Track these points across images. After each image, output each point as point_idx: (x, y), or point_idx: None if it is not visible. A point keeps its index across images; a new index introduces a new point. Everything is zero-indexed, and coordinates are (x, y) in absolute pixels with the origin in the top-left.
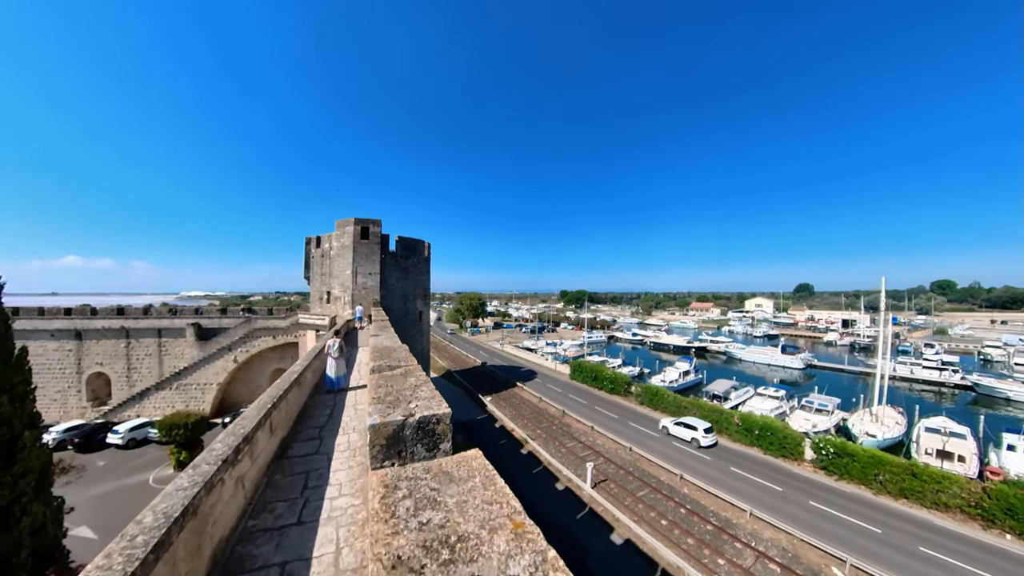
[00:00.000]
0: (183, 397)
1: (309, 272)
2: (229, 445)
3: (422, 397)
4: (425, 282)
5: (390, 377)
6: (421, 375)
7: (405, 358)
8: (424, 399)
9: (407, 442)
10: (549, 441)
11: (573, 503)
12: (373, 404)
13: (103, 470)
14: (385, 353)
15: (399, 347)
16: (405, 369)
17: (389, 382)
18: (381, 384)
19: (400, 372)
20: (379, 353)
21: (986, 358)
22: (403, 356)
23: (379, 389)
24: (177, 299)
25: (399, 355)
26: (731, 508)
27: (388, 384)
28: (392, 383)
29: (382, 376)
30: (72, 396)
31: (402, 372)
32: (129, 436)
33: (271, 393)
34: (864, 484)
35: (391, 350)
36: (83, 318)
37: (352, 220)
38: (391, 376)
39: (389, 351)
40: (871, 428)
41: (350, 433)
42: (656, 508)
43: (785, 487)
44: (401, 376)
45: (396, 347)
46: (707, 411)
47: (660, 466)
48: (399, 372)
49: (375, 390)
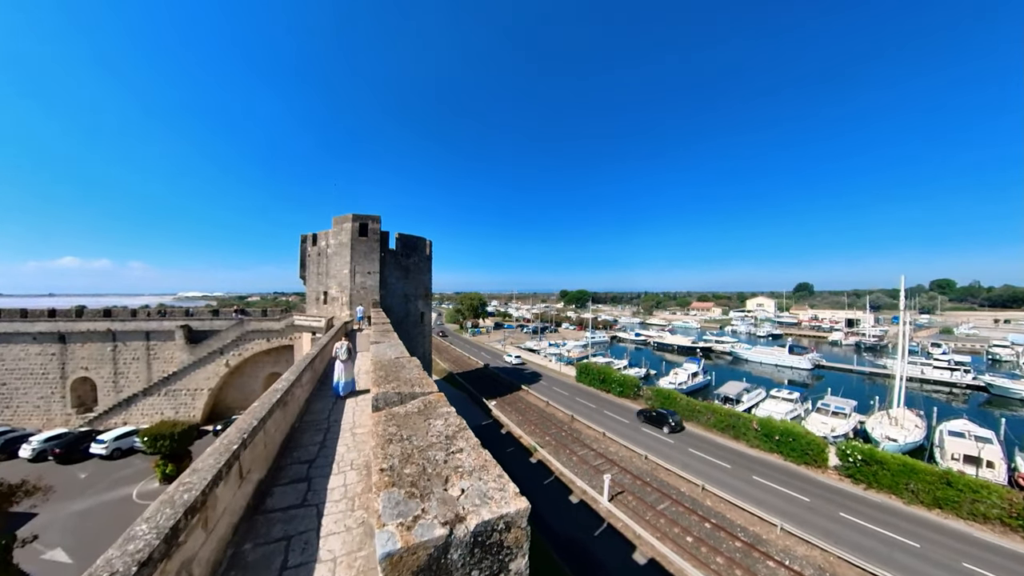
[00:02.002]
0: (172, 403)
1: (305, 272)
2: (158, 532)
3: (466, 468)
4: (427, 281)
5: (403, 418)
6: (448, 410)
7: (419, 378)
8: (471, 472)
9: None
10: (559, 449)
11: (589, 518)
12: (384, 488)
13: (84, 483)
14: (391, 370)
15: (408, 361)
16: (424, 402)
17: (403, 429)
18: (392, 434)
19: (417, 407)
20: (383, 370)
21: (995, 358)
22: (415, 375)
23: (389, 448)
24: (175, 300)
25: (410, 373)
26: (759, 522)
27: (402, 433)
28: (409, 432)
29: (391, 417)
30: (56, 402)
31: (420, 407)
32: (114, 446)
33: (244, 423)
34: (895, 493)
35: (398, 366)
36: (67, 320)
37: (350, 216)
38: (404, 417)
39: (395, 367)
40: (891, 432)
41: (346, 471)
42: (679, 523)
43: (812, 497)
44: (420, 416)
45: (404, 360)
46: (722, 416)
47: (679, 476)
48: (415, 407)
49: (383, 448)
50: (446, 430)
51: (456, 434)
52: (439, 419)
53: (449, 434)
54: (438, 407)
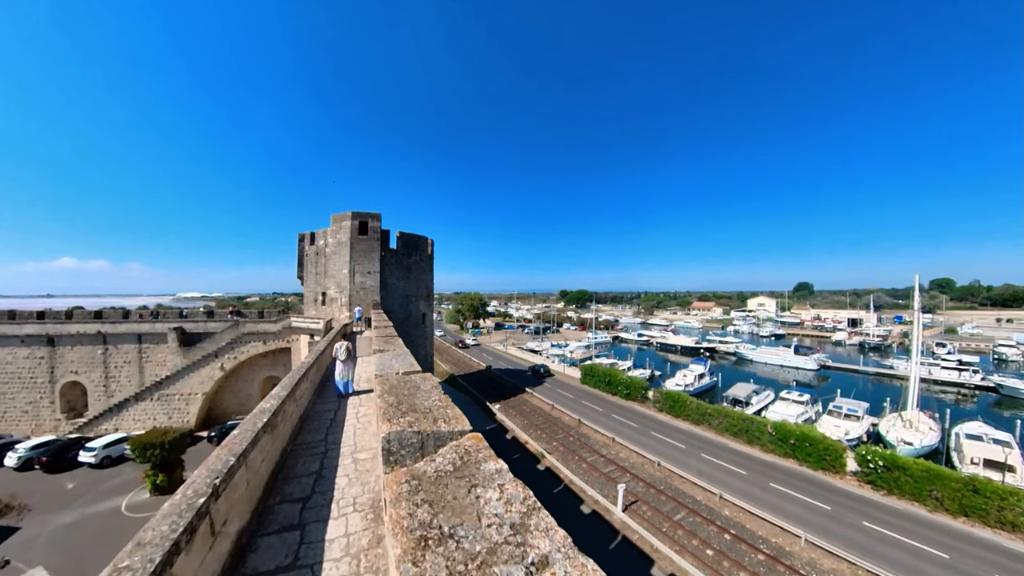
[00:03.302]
0: (166, 408)
1: (303, 272)
2: None
3: None
4: (428, 281)
5: (434, 486)
6: (498, 467)
7: (441, 407)
8: None
9: None
10: (568, 455)
11: (603, 529)
12: None
13: (71, 494)
14: (403, 394)
15: (423, 380)
16: (459, 450)
17: (439, 511)
18: (424, 525)
19: (451, 461)
20: (392, 394)
21: (1001, 357)
22: (436, 401)
23: (424, 560)
24: (173, 300)
25: (428, 398)
26: (781, 532)
27: (439, 521)
28: (449, 518)
29: (416, 485)
30: (45, 408)
31: (456, 461)
32: (103, 454)
33: (220, 460)
34: (918, 500)
35: (410, 387)
36: (56, 322)
37: (349, 214)
38: (436, 483)
39: (408, 390)
40: (906, 435)
41: (348, 514)
42: (698, 535)
43: (833, 505)
44: (459, 480)
45: (417, 379)
46: (735, 419)
47: (694, 483)
48: (448, 462)
49: (414, 560)
50: (507, 511)
51: (527, 521)
52: (490, 487)
53: (516, 521)
54: (481, 461)
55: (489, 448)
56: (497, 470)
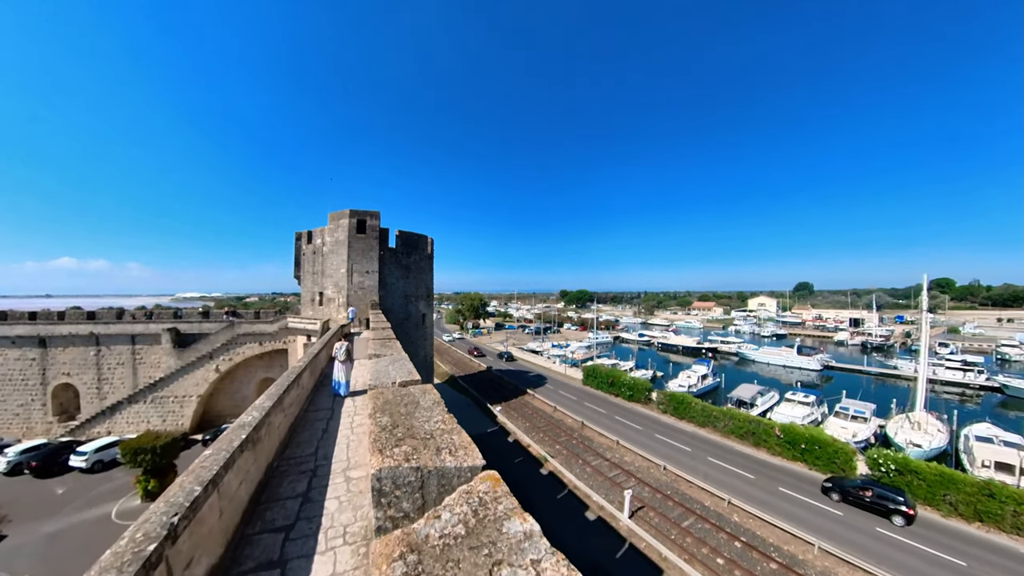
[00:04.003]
0: (159, 411)
1: (300, 271)
2: None
3: None
4: (428, 281)
5: (439, 559)
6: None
7: (445, 432)
8: None
9: None
10: (571, 459)
11: (609, 537)
12: None
13: (60, 500)
14: (398, 414)
15: (423, 394)
16: (471, 500)
17: None
18: None
19: (461, 519)
20: (387, 413)
21: (1004, 357)
22: (438, 423)
23: None
24: (172, 300)
25: (430, 419)
26: (792, 539)
27: None
28: None
29: (407, 549)
30: (36, 410)
31: (468, 519)
32: (95, 458)
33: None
34: (930, 505)
35: (408, 403)
36: (48, 323)
37: (347, 212)
38: (441, 555)
39: (405, 407)
40: (915, 437)
41: (337, 547)
42: (707, 542)
43: (844, 510)
44: (477, 555)
45: (417, 393)
46: (741, 422)
47: (701, 488)
48: (458, 522)
49: None
50: None
51: None
52: (519, 563)
53: None
54: (503, 517)
55: (510, 495)
56: (526, 533)
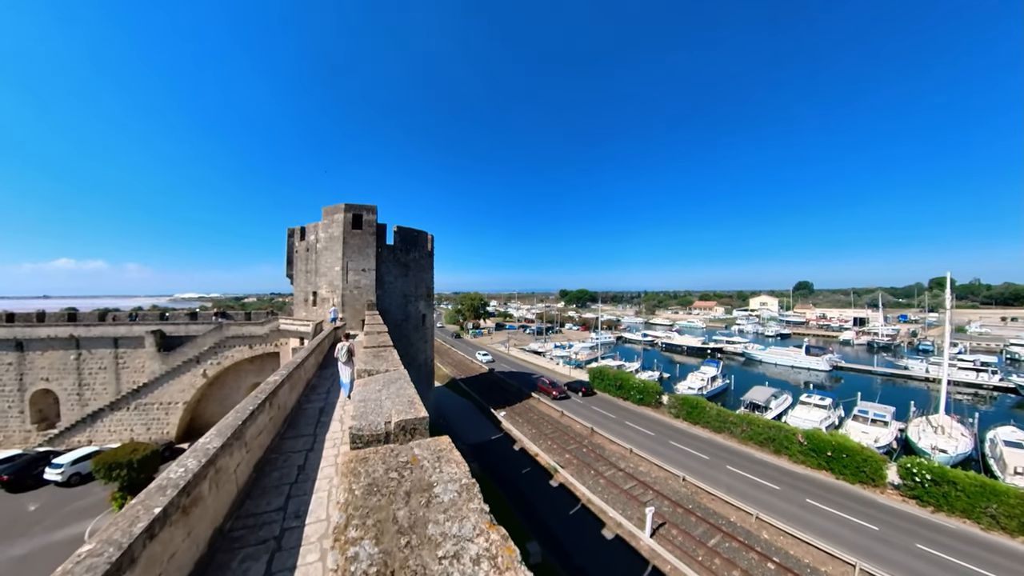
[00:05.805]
0: (144, 419)
1: (292, 270)
2: None
3: None
4: (428, 280)
5: None
6: None
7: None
8: None
9: None
10: (583, 469)
11: (630, 559)
12: None
13: (31, 518)
14: (392, 533)
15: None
16: None
17: None
18: None
19: None
20: (363, 526)
21: (1013, 357)
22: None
23: None
24: (171, 301)
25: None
26: (829, 559)
27: None
28: None
29: None
30: (14, 418)
31: None
32: (72, 471)
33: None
34: (970, 518)
35: (413, 502)
36: (26, 325)
37: (342, 206)
38: None
39: (407, 512)
40: (939, 442)
41: None
42: (738, 564)
43: (880, 524)
44: None
45: (427, 463)
46: (760, 427)
47: (725, 501)
48: None
49: None
50: None
51: None
52: None
53: None
54: None
55: None
56: None
